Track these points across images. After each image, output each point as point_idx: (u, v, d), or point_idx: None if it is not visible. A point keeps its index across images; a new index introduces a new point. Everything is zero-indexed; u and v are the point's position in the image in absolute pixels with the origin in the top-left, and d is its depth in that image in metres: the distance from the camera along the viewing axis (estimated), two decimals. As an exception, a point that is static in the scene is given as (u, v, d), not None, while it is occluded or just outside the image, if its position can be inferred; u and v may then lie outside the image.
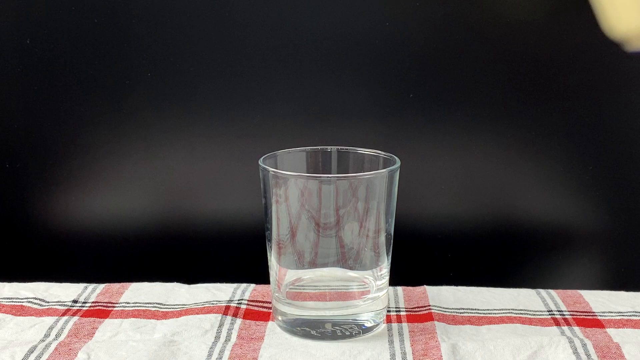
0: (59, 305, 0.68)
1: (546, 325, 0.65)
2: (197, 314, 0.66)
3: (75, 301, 0.69)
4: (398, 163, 0.64)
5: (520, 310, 0.68)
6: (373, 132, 0.75)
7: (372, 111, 0.76)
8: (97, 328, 0.64)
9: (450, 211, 0.78)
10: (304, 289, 0.63)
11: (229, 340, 0.62)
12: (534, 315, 0.67)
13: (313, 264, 0.63)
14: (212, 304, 0.68)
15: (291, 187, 0.60)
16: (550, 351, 0.60)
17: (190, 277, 0.74)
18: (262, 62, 0.74)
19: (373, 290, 0.64)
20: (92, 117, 0.76)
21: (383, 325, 0.65)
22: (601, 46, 0.74)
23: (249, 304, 0.68)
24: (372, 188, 0.61)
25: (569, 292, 0.72)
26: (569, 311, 0.68)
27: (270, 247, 0.64)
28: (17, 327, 0.64)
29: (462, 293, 0.72)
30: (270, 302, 0.69)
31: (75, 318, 0.66)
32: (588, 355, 0.59)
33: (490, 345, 0.60)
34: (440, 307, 0.68)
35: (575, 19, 0.73)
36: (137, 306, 0.68)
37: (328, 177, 0.63)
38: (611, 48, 0.74)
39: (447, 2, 0.73)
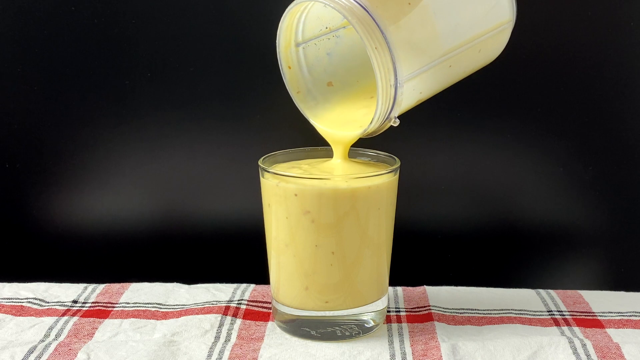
0: (59, 305, 0.68)
1: (546, 326, 0.65)
2: (197, 314, 0.66)
3: (75, 301, 0.69)
4: (398, 163, 0.64)
5: (520, 310, 0.68)
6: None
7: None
8: (97, 328, 0.64)
9: (450, 211, 0.78)
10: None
11: (229, 340, 0.62)
12: (534, 315, 0.67)
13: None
14: (212, 304, 0.68)
15: (291, 188, 0.60)
16: (550, 351, 0.60)
17: (190, 277, 0.74)
18: (262, 62, 0.74)
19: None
20: (92, 117, 0.76)
21: (383, 326, 0.65)
22: (601, 46, 0.74)
23: (248, 304, 0.68)
24: (372, 189, 0.61)
25: (569, 292, 0.72)
26: (568, 311, 0.68)
27: (270, 247, 0.64)
28: (17, 328, 0.64)
29: (462, 293, 0.72)
30: (270, 302, 0.69)
31: (75, 318, 0.66)
32: (588, 356, 0.59)
33: (490, 345, 0.60)
34: (440, 307, 0.68)
35: (575, 18, 0.73)
36: (137, 306, 0.68)
37: (328, 176, 0.63)
38: (611, 48, 0.74)
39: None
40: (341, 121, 0.64)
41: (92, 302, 0.69)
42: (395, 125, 0.60)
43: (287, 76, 0.65)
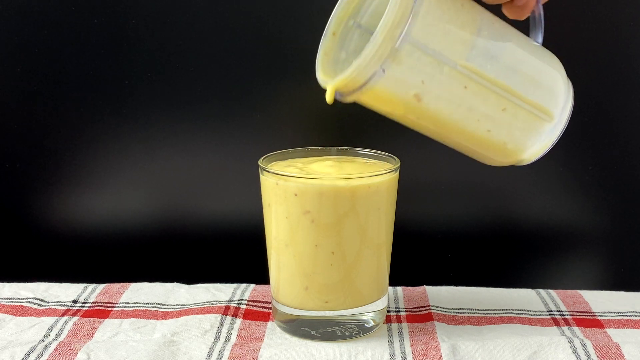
0: (59, 305, 0.68)
1: (546, 326, 0.65)
2: (197, 314, 0.66)
3: (75, 301, 0.69)
4: (398, 163, 0.64)
5: (520, 310, 0.68)
6: (373, 132, 0.75)
7: (372, 111, 0.76)
8: (97, 328, 0.64)
9: (450, 211, 0.78)
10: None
11: (229, 340, 0.62)
12: (534, 315, 0.67)
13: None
14: (212, 304, 0.68)
15: (291, 187, 0.60)
16: (550, 351, 0.60)
17: (190, 277, 0.74)
18: (262, 62, 0.74)
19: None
20: (92, 117, 0.76)
21: (383, 326, 0.65)
22: (601, 46, 0.74)
23: (248, 304, 0.68)
24: (372, 188, 0.61)
25: (569, 292, 0.72)
26: (568, 311, 0.68)
27: (270, 247, 0.64)
28: (17, 327, 0.64)
29: (462, 293, 0.72)
30: (270, 302, 0.69)
31: (75, 318, 0.66)
32: (588, 356, 0.59)
33: (490, 345, 0.60)
34: (440, 307, 0.68)
35: (575, 18, 0.73)
36: (137, 306, 0.68)
37: (328, 176, 0.63)
38: (611, 48, 0.74)
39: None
40: None
41: (92, 302, 0.69)
42: (380, 78, 0.54)
43: (327, 38, 0.61)
